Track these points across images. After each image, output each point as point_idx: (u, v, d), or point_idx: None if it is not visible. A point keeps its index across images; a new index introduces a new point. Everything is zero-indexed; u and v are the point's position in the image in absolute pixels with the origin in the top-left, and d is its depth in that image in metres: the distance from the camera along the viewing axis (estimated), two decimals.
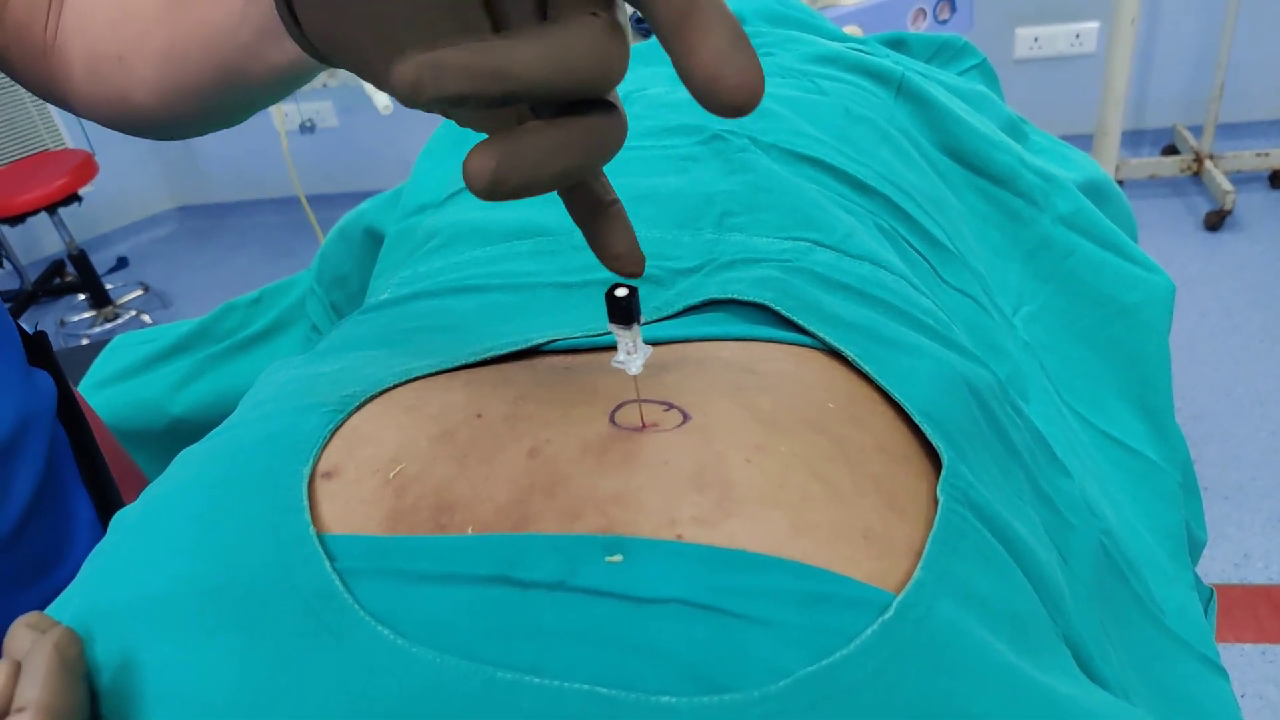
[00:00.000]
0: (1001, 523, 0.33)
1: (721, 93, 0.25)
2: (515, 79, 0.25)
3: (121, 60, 0.44)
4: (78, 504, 0.55)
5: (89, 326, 3.16)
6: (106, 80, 0.45)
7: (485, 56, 0.25)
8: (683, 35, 0.25)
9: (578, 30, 0.26)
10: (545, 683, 0.25)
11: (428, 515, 0.30)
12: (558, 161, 0.26)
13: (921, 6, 1.53)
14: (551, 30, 0.26)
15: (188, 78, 0.42)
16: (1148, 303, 0.65)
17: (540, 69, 0.25)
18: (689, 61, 0.25)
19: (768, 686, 0.25)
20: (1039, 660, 0.30)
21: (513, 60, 0.25)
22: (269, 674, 0.27)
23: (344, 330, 0.47)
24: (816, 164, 0.56)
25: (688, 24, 0.25)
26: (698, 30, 0.25)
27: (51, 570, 0.51)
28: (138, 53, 0.43)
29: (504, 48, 0.25)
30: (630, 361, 0.31)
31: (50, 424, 0.54)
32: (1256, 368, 1.99)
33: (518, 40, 0.25)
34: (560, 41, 0.26)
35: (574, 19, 0.26)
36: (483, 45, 0.25)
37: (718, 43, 0.25)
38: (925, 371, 0.37)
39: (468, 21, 0.28)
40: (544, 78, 0.25)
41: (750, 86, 0.25)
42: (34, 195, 2.83)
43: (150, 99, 0.44)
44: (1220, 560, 1.60)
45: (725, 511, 0.29)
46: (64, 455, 0.55)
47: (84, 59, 0.46)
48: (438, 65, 0.24)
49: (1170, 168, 2.59)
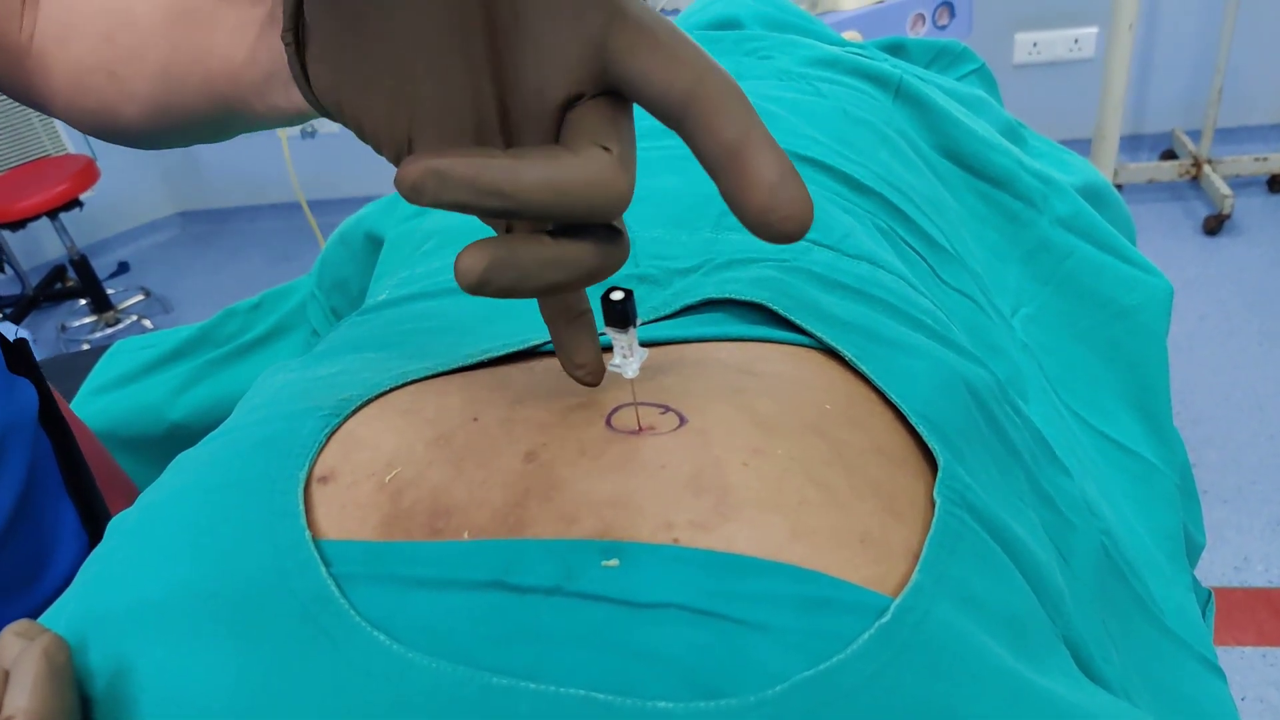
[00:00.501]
0: (1000, 524, 0.32)
1: (776, 224, 0.26)
2: (515, 199, 0.26)
3: (113, 75, 0.43)
4: (62, 513, 0.54)
5: (90, 331, 3.16)
6: (93, 93, 0.44)
7: (490, 172, 0.26)
8: (734, 170, 0.26)
9: (586, 162, 0.27)
10: (541, 688, 0.25)
11: (423, 520, 0.30)
12: (546, 276, 0.28)
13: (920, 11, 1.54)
14: (560, 157, 0.27)
15: (183, 101, 0.41)
16: (1146, 305, 0.65)
17: (541, 194, 0.26)
18: (742, 196, 0.26)
19: (765, 691, 0.25)
20: (1038, 662, 0.30)
21: (516, 181, 0.26)
22: (265, 679, 0.27)
23: (341, 332, 0.47)
24: (815, 164, 0.56)
25: (739, 160, 0.26)
26: (749, 166, 0.26)
27: (36, 581, 0.50)
28: (132, 67, 0.42)
29: (509, 167, 0.26)
30: (626, 365, 0.31)
31: (32, 433, 0.53)
32: (1255, 371, 1.99)
33: (524, 162, 0.26)
34: (566, 170, 0.26)
35: (584, 150, 0.27)
36: (489, 161, 0.26)
37: (770, 177, 0.26)
38: (923, 371, 0.37)
39: (484, 127, 0.29)
40: (543, 203, 0.26)
41: (801, 218, 0.26)
42: (35, 200, 2.83)
43: (139, 116, 0.43)
44: (1220, 563, 1.60)
45: (722, 515, 0.29)
46: (47, 464, 0.54)
47: (68, 70, 0.45)
48: (442, 174, 0.25)
49: (1169, 172, 2.60)
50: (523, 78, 0.28)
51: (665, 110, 0.27)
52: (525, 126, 0.29)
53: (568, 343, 0.33)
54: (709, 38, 0.77)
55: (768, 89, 0.65)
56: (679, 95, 0.27)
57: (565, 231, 0.28)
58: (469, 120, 0.29)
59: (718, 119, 0.26)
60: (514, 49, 0.28)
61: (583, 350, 0.33)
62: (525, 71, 0.28)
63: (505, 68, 0.28)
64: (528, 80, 0.28)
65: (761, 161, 0.26)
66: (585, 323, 0.33)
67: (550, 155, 0.27)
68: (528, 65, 0.28)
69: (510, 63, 0.28)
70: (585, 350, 0.33)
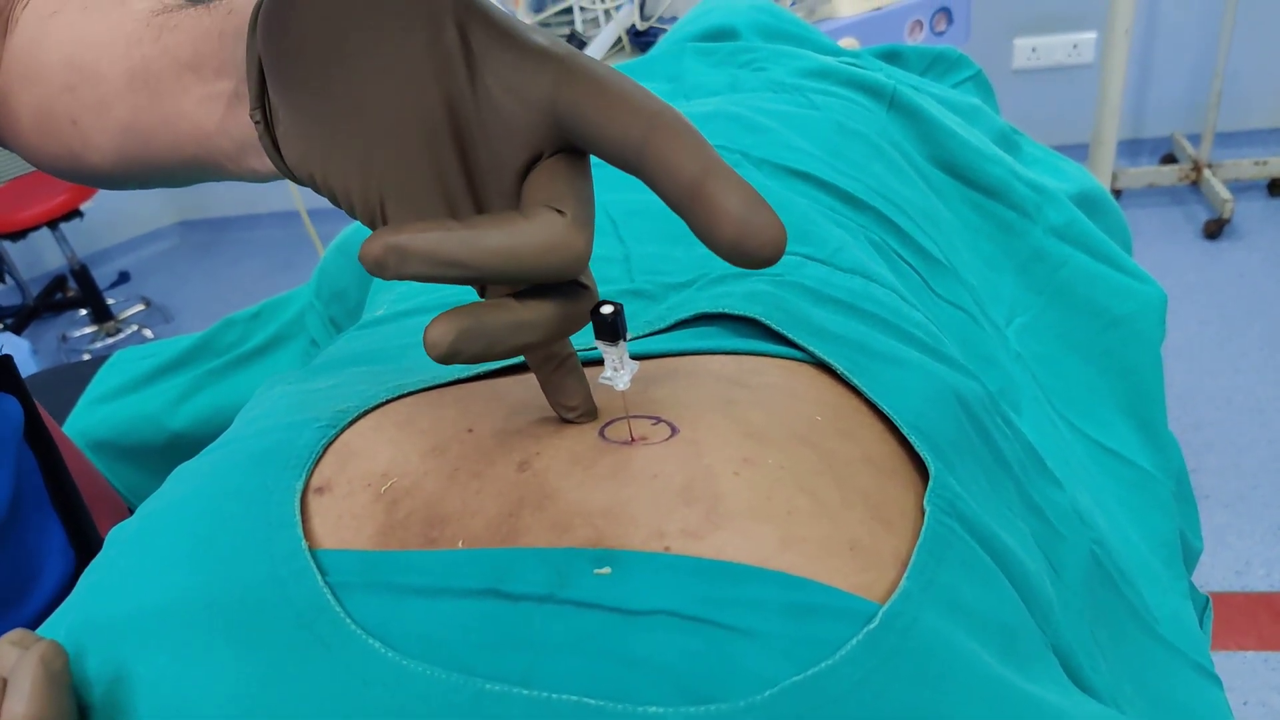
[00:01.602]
0: (989, 534, 0.33)
1: (750, 253, 0.26)
2: (472, 269, 0.27)
3: (75, 124, 0.43)
4: (49, 531, 0.54)
5: (90, 341, 3.16)
6: (58, 138, 0.44)
7: (446, 246, 0.27)
8: (699, 208, 0.27)
9: (540, 227, 0.28)
10: (534, 694, 0.26)
11: (418, 529, 0.31)
12: (514, 339, 0.29)
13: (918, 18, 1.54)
14: (515, 224, 0.28)
15: (150, 157, 0.42)
16: (1140, 313, 0.66)
17: (498, 263, 0.27)
18: (711, 232, 0.27)
19: (754, 696, 0.25)
20: (1026, 670, 0.30)
21: (473, 251, 0.27)
22: (261, 687, 0.27)
23: (339, 346, 0.47)
24: (808, 179, 0.57)
25: (701, 196, 0.26)
26: (713, 201, 0.26)
27: (23, 599, 0.50)
28: (94, 122, 0.42)
29: (465, 239, 0.27)
30: (617, 378, 0.32)
31: (16, 449, 0.53)
32: (1256, 376, 1.99)
33: (479, 231, 0.27)
34: (520, 237, 0.27)
35: (538, 214, 0.28)
36: (446, 235, 0.27)
37: (735, 209, 0.26)
38: (914, 384, 0.37)
39: (452, 195, 0.30)
40: (501, 270, 0.27)
41: (774, 243, 0.26)
42: (36, 211, 2.84)
43: (104, 164, 0.43)
44: (1221, 568, 1.60)
45: (713, 524, 0.29)
46: (33, 482, 0.54)
47: (33, 112, 0.44)
48: (401, 250, 0.27)
49: (1169, 176, 2.60)
50: (485, 146, 0.29)
51: (622, 159, 0.28)
52: (490, 191, 0.30)
53: (556, 388, 0.34)
54: (705, 49, 0.78)
55: (761, 102, 0.66)
56: (634, 142, 0.27)
57: (532, 292, 0.29)
58: (436, 190, 0.30)
59: (674, 159, 0.27)
60: (475, 120, 0.29)
61: (572, 394, 0.34)
62: (487, 140, 0.29)
63: (468, 137, 0.29)
64: (490, 148, 0.29)
65: (724, 194, 0.26)
66: (570, 368, 0.33)
67: (505, 223, 0.28)
68: (488, 134, 0.29)
69: (472, 132, 0.29)
70: (574, 394, 0.34)
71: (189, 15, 0.39)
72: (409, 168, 0.30)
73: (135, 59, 0.40)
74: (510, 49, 0.28)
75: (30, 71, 0.44)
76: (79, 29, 0.43)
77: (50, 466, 0.56)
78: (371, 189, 0.30)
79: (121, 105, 0.41)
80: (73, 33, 0.43)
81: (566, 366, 0.33)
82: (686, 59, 0.77)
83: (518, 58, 0.28)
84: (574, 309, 0.30)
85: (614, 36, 1.41)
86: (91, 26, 0.42)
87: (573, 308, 0.30)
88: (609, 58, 1.42)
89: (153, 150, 0.41)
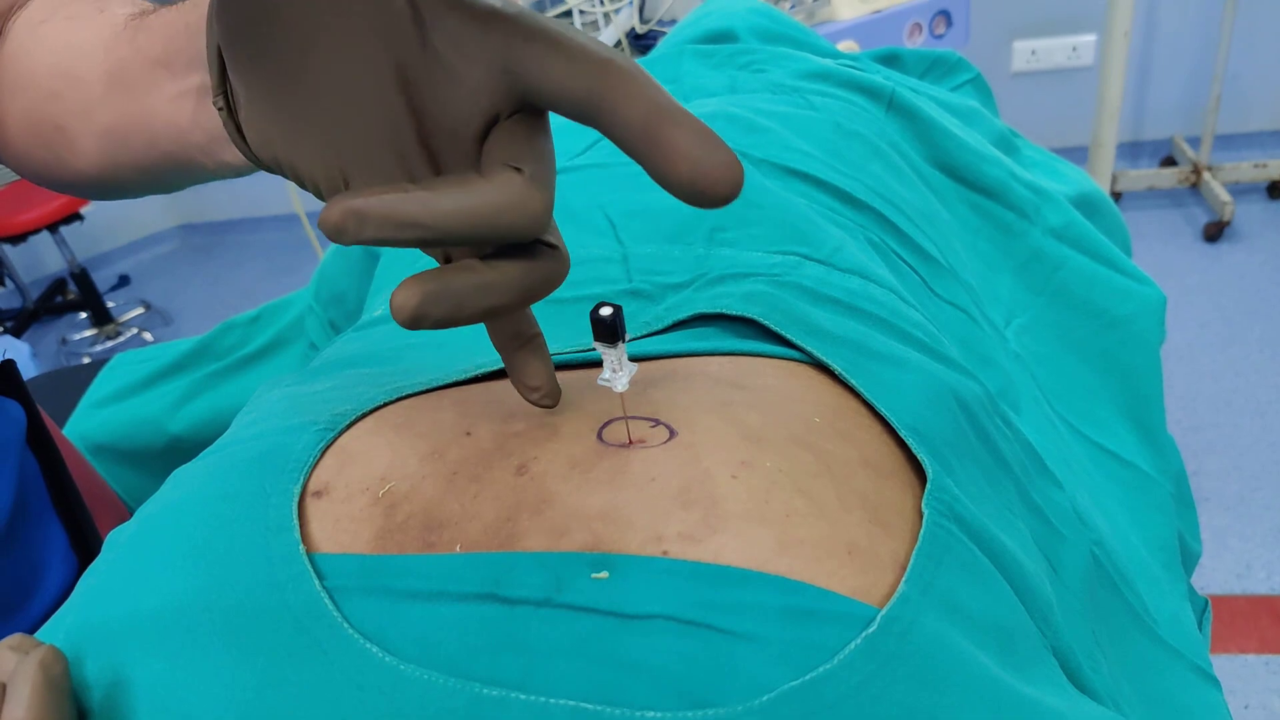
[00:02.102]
0: (987, 536, 0.33)
1: (706, 191, 0.26)
2: (431, 229, 0.27)
3: (61, 130, 0.43)
4: (51, 536, 0.54)
5: (90, 345, 3.16)
6: (45, 144, 0.45)
7: (404, 206, 0.26)
8: (652, 149, 0.26)
9: (498, 186, 0.27)
10: (531, 698, 0.26)
11: (416, 533, 0.31)
12: (481, 301, 0.28)
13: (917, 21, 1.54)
14: (472, 184, 0.27)
15: (131, 159, 0.42)
16: (1139, 314, 0.66)
17: (454, 221, 0.27)
18: (666, 172, 0.26)
19: (752, 701, 0.25)
20: (1025, 672, 0.30)
21: (430, 212, 0.27)
22: (259, 691, 0.27)
23: (337, 348, 0.47)
24: (807, 178, 0.57)
25: (653, 137, 0.26)
26: (666, 141, 0.26)
27: (26, 603, 0.50)
28: (79, 126, 0.42)
29: (423, 199, 0.27)
30: (616, 379, 0.32)
31: (19, 453, 0.53)
32: (1256, 378, 1.99)
33: (438, 192, 0.27)
34: (478, 196, 0.27)
35: (496, 174, 0.28)
36: (404, 197, 0.27)
37: (688, 148, 0.26)
38: (912, 385, 0.37)
39: (411, 162, 0.30)
40: (458, 229, 0.27)
41: (730, 179, 0.26)
42: (35, 214, 2.84)
43: (88, 168, 0.44)
44: (1222, 571, 1.60)
45: (711, 528, 0.29)
46: (35, 486, 0.54)
47: (21, 119, 0.45)
48: (359, 213, 0.26)
49: (1168, 179, 2.60)
50: (441, 110, 0.29)
51: (576, 109, 0.28)
52: (450, 156, 0.30)
53: (520, 367, 0.33)
54: (703, 51, 0.78)
55: (760, 102, 0.66)
56: (584, 91, 0.27)
57: (498, 254, 0.29)
58: (395, 160, 0.30)
59: (627, 103, 0.26)
60: (428, 84, 0.29)
61: (534, 374, 0.33)
62: (442, 104, 0.29)
63: (423, 103, 0.29)
64: (445, 112, 0.29)
65: (677, 135, 0.26)
66: (535, 347, 0.33)
67: (462, 183, 0.27)
68: (442, 98, 0.29)
69: (426, 97, 0.29)
70: (537, 374, 0.33)
71: (161, 15, 0.40)
72: (367, 140, 0.29)
73: (113, 61, 0.40)
74: (458, 12, 0.28)
75: (18, 80, 0.44)
76: (64, 36, 0.43)
77: (52, 471, 0.56)
78: (333, 166, 0.30)
79: (103, 108, 0.41)
80: (58, 41, 0.43)
81: (530, 346, 0.33)
82: (686, 61, 0.77)
83: (467, 19, 0.28)
84: (542, 269, 0.29)
85: (613, 39, 1.41)
86: (75, 33, 0.43)
87: (540, 268, 0.29)
88: None
89: (133, 150, 0.41)
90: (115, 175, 0.43)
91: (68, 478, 0.57)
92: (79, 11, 0.43)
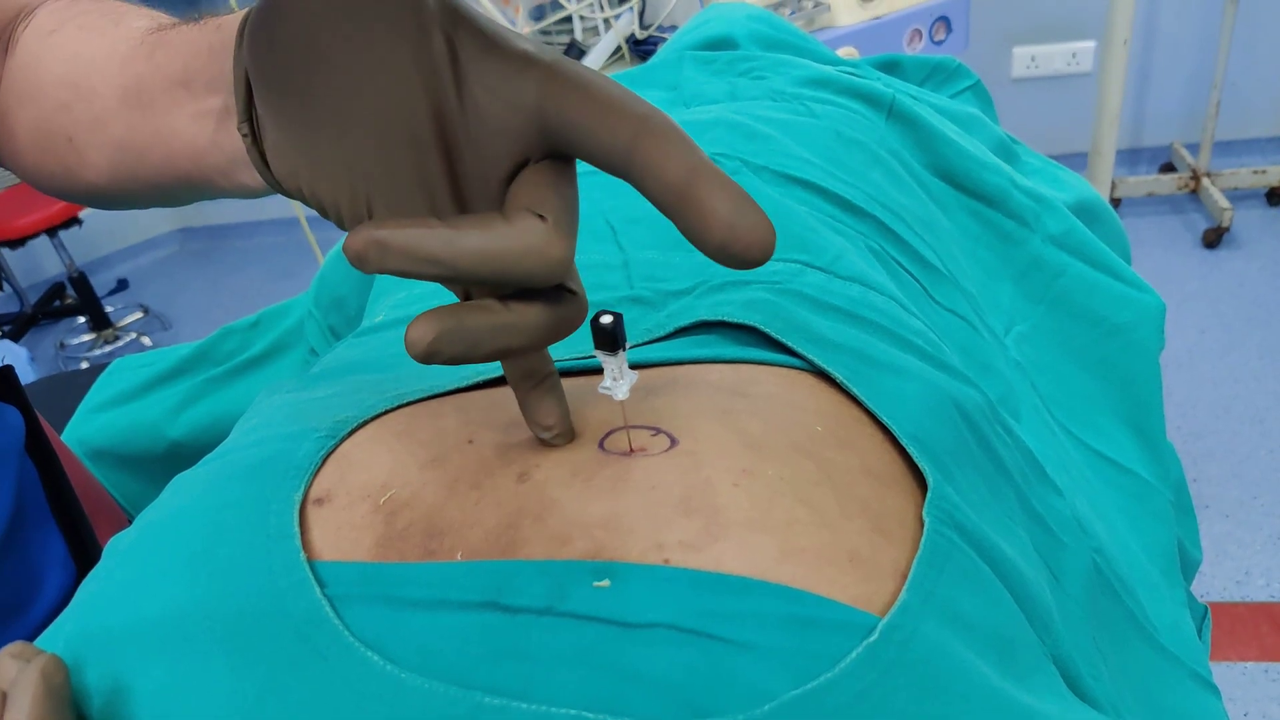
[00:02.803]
0: (989, 544, 0.33)
1: (739, 254, 0.26)
2: (450, 267, 0.27)
3: (71, 142, 0.43)
4: (50, 543, 0.54)
5: (89, 349, 3.16)
6: (54, 155, 0.44)
7: (426, 242, 0.27)
8: (688, 210, 0.27)
9: (520, 231, 0.28)
10: (532, 708, 0.25)
11: (417, 541, 0.30)
12: (496, 342, 0.29)
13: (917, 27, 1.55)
14: (495, 226, 0.28)
15: (145, 174, 0.42)
16: (1138, 322, 0.66)
17: (474, 262, 0.27)
18: (701, 234, 0.27)
19: (753, 710, 0.25)
20: (1026, 681, 0.30)
21: (452, 250, 0.27)
22: (259, 699, 0.27)
23: (338, 354, 0.47)
24: (807, 186, 0.57)
25: (689, 199, 0.27)
26: (702, 203, 0.26)
27: (24, 610, 0.50)
28: (90, 139, 0.42)
29: (446, 236, 0.27)
30: (616, 387, 0.32)
31: (18, 460, 0.53)
32: (1255, 385, 1.99)
33: (461, 231, 0.27)
34: (500, 239, 0.27)
35: (520, 219, 0.28)
36: (427, 232, 0.27)
37: (723, 211, 0.26)
38: (913, 393, 0.37)
39: (437, 200, 0.30)
40: (477, 270, 0.27)
41: (763, 243, 0.26)
42: (34, 218, 2.84)
43: (100, 180, 0.44)
44: (1222, 578, 1.60)
45: (712, 536, 0.29)
46: (34, 492, 0.54)
47: (30, 130, 0.45)
48: (382, 244, 0.27)
49: (1168, 185, 2.60)
50: (472, 151, 0.29)
51: (610, 162, 0.28)
52: (476, 197, 0.30)
53: (534, 406, 0.33)
54: (704, 57, 0.78)
55: (761, 110, 0.66)
56: (622, 146, 0.27)
57: (517, 296, 0.29)
58: (422, 197, 0.30)
59: (662, 162, 0.27)
60: (460, 125, 0.29)
61: (548, 413, 0.33)
62: (474, 145, 0.29)
63: (454, 142, 0.29)
64: (476, 153, 0.29)
65: (713, 196, 0.26)
66: (549, 387, 0.33)
67: (486, 225, 0.28)
68: (474, 139, 0.29)
69: (458, 137, 0.29)
70: (550, 414, 0.33)
71: (180, 32, 0.40)
72: (395, 176, 0.30)
73: (129, 76, 0.40)
74: (496, 56, 0.28)
75: (28, 90, 0.44)
76: (75, 47, 0.43)
77: (51, 478, 0.56)
78: (359, 199, 0.31)
79: (116, 122, 0.41)
80: (69, 51, 0.43)
81: (545, 385, 0.33)
82: (686, 68, 0.77)
83: (503, 64, 0.28)
84: (560, 315, 0.30)
85: (613, 45, 1.41)
86: (87, 45, 0.43)
87: (559, 313, 0.30)
88: (608, 66, 1.43)
89: (147, 167, 0.41)
90: (126, 189, 0.43)
91: (66, 484, 0.56)
92: (92, 23, 0.43)
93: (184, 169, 0.40)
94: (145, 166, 0.41)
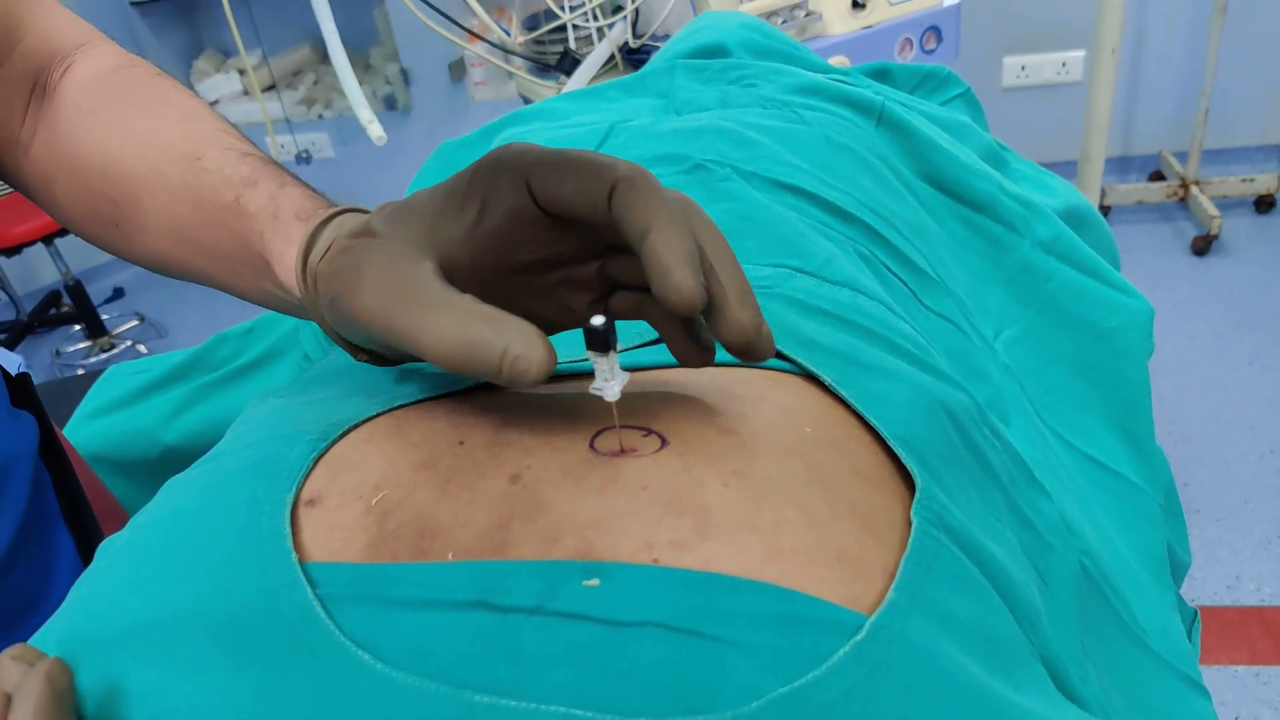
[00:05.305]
0: (976, 545, 0.33)
1: (669, 306, 0.30)
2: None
3: (119, 228, 0.48)
4: (60, 545, 0.54)
5: (84, 357, 3.15)
6: (99, 231, 0.50)
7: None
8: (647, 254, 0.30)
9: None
10: (523, 705, 0.26)
11: (409, 541, 0.31)
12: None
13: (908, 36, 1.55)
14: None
15: (187, 274, 0.49)
16: (1127, 327, 0.66)
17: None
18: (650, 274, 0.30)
19: (741, 707, 0.25)
20: (1013, 680, 0.30)
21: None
22: (252, 700, 0.27)
23: (332, 358, 0.47)
24: (797, 192, 0.57)
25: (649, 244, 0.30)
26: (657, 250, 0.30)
27: (34, 611, 0.51)
28: (138, 236, 0.48)
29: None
30: (607, 389, 0.32)
31: (32, 465, 0.53)
32: (1245, 390, 2.00)
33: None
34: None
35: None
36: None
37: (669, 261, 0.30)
38: (902, 396, 0.37)
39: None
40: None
41: (688, 300, 0.29)
42: (30, 226, 2.83)
43: (143, 260, 0.49)
44: (1212, 582, 1.60)
45: (702, 536, 0.29)
46: (46, 496, 0.55)
47: (70, 197, 0.49)
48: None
49: (1157, 193, 2.61)
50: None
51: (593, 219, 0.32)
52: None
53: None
54: (695, 65, 0.78)
55: (752, 117, 0.66)
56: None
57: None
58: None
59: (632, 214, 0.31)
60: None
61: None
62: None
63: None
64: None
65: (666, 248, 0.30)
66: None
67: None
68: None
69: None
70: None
71: (227, 209, 0.44)
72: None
73: (180, 222, 0.46)
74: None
75: (67, 161, 0.49)
76: (113, 145, 0.47)
77: (63, 482, 0.56)
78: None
79: (167, 242, 0.47)
80: (109, 145, 0.47)
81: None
82: (678, 76, 0.78)
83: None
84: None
85: (606, 54, 1.42)
86: (126, 148, 0.47)
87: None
88: (601, 75, 1.43)
89: (190, 273, 0.49)
90: (165, 269, 0.50)
91: (78, 488, 0.57)
92: (129, 125, 0.47)
93: (228, 286, 0.47)
94: (189, 273, 0.48)
